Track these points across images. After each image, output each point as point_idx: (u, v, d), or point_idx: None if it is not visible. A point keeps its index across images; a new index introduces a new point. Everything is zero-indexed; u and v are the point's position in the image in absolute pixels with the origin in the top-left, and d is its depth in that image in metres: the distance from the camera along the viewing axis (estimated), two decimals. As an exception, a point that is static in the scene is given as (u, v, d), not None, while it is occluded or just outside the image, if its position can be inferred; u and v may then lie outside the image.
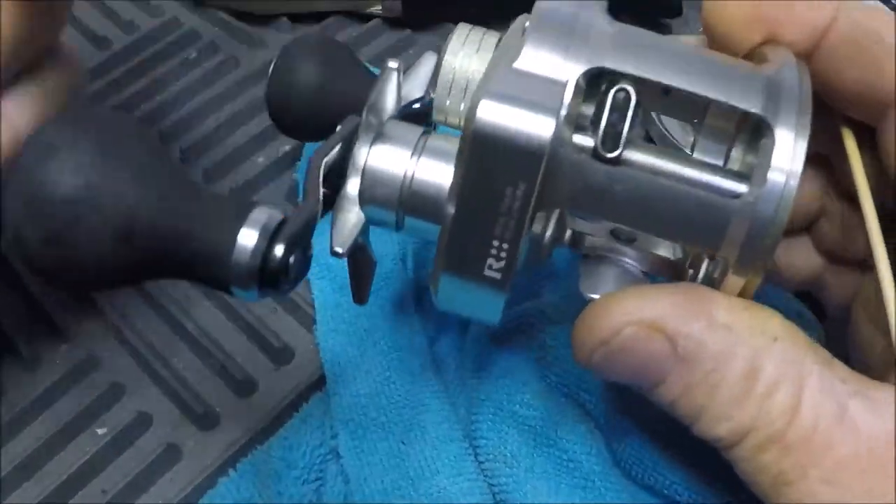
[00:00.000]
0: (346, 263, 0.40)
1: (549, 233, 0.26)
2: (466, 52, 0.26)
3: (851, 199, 0.29)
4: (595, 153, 0.23)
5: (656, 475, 0.31)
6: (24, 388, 0.36)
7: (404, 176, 0.25)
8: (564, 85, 0.23)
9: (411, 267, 0.38)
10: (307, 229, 0.23)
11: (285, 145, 0.44)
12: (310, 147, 0.42)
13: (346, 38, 0.49)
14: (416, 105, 0.28)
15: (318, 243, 0.39)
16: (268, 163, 0.43)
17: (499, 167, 0.22)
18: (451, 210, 0.23)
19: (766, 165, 0.22)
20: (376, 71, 0.27)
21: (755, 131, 0.24)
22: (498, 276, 0.24)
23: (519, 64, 0.23)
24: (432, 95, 0.28)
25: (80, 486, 0.33)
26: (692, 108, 0.26)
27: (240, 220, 0.21)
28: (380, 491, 0.32)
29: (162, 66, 0.48)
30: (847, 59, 0.25)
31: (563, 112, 0.22)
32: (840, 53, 0.25)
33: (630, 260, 0.26)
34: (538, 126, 0.22)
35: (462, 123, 0.25)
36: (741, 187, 0.23)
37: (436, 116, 0.27)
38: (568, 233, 0.27)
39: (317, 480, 0.33)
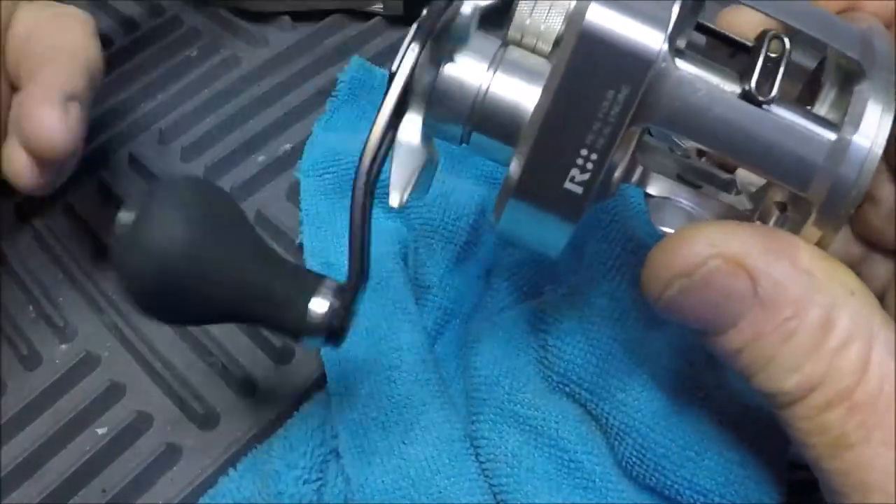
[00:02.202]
0: (345, 261, 0.39)
1: (622, 166, 0.25)
2: None
3: None
4: (747, 95, 0.23)
5: (657, 475, 0.30)
6: (24, 388, 0.36)
7: (479, 90, 0.24)
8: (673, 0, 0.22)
9: (412, 266, 0.37)
10: (358, 297, 0.25)
11: (286, 144, 0.44)
12: (311, 146, 0.42)
13: (346, 37, 0.48)
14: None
15: (317, 239, 0.39)
16: (268, 162, 0.43)
17: (603, 69, 0.22)
18: (540, 113, 0.23)
19: (858, 115, 0.22)
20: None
21: (844, 84, 0.24)
22: (579, 190, 0.23)
23: None
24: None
25: (80, 485, 0.33)
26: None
27: (311, 292, 0.25)
28: (380, 491, 0.32)
29: (163, 65, 0.48)
30: None
31: (671, 26, 0.22)
32: None
33: (696, 206, 0.26)
34: (647, 35, 0.22)
35: (538, 45, 0.25)
36: (831, 134, 0.23)
37: (512, 36, 0.26)
38: (638, 171, 0.26)
39: (317, 480, 0.33)
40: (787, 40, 0.23)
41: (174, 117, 0.45)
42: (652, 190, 0.26)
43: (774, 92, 0.23)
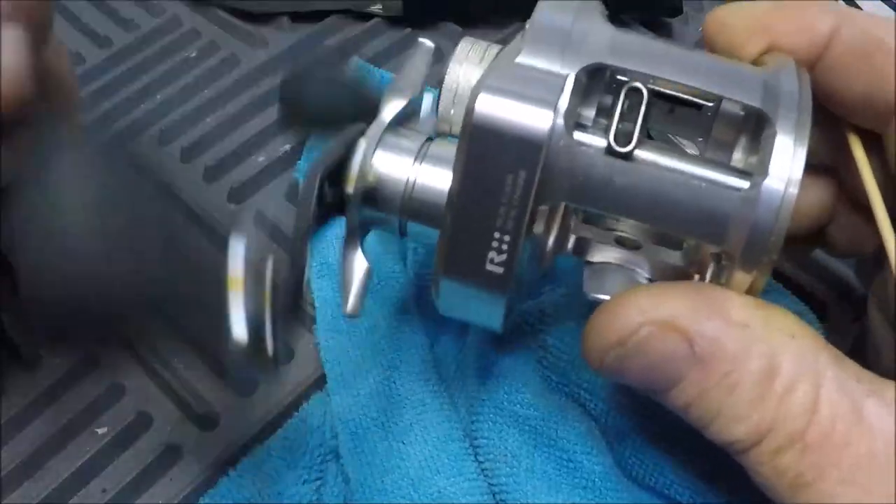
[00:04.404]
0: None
1: (552, 238, 0.25)
2: (471, 62, 0.27)
3: (860, 207, 0.28)
4: (608, 149, 0.23)
5: (657, 475, 0.30)
6: (24, 388, 0.36)
7: (406, 182, 0.25)
8: (564, 78, 0.23)
9: (411, 267, 0.38)
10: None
11: (285, 144, 0.44)
12: (310, 147, 0.42)
13: (345, 37, 0.48)
14: (407, 106, 0.28)
15: (316, 240, 0.39)
16: (268, 162, 0.43)
17: (498, 157, 0.23)
18: (451, 203, 0.23)
19: (767, 160, 0.22)
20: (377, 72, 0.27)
21: (756, 131, 0.24)
22: (500, 270, 0.24)
23: (519, 59, 0.23)
24: (434, 98, 0.28)
25: (80, 485, 0.33)
26: (697, 125, 0.26)
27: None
28: (380, 491, 0.32)
29: (162, 66, 0.48)
30: (852, 67, 0.25)
31: (563, 105, 0.23)
32: (845, 62, 0.25)
33: (635, 267, 0.26)
34: (535, 118, 0.22)
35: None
36: (743, 183, 0.23)
37: (439, 126, 0.27)
38: (572, 240, 0.27)
39: (317, 480, 0.33)
40: (644, 90, 0.23)
41: (173, 118, 0.45)
42: (591, 257, 0.27)
43: (633, 143, 0.23)
